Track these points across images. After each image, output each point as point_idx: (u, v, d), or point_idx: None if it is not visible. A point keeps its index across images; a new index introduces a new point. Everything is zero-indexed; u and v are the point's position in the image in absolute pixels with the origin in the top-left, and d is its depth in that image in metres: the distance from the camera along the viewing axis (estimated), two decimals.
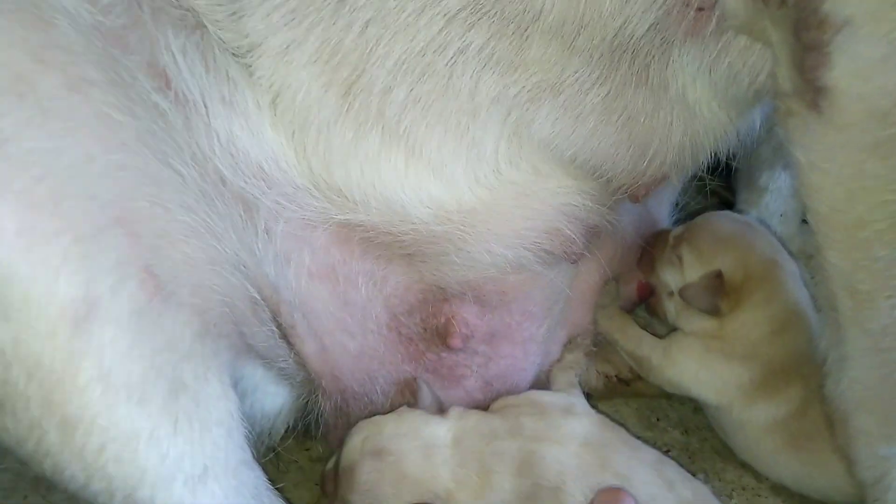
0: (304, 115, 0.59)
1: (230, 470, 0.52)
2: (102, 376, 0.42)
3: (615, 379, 0.83)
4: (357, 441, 0.64)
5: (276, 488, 0.62)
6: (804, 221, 0.96)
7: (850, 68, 0.48)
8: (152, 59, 0.50)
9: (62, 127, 0.41)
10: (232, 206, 0.55)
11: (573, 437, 0.62)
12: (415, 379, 0.71)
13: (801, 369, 0.69)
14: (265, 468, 0.63)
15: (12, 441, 0.43)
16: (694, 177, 0.89)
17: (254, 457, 0.58)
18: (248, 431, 0.58)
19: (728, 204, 0.96)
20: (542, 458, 0.60)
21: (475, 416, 0.66)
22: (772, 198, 0.92)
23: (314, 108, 0.58)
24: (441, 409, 0.68)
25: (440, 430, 0.64)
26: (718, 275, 0.70)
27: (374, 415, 0.68)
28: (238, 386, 0.61)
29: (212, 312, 0.52)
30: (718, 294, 0.70)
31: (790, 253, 0.76)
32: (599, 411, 0.72)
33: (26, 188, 0.39)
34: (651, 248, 0.78)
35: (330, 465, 0.66)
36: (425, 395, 0.69)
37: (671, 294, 0.76)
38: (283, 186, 0.61)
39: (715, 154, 0.67)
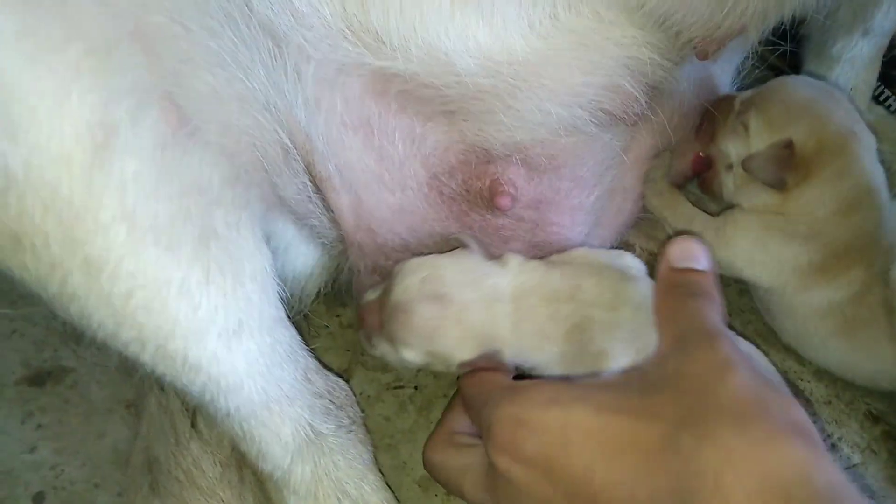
0: None
1: (265, 327, 0.50)
2: (127, 215, 0.38)
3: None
4: (414, 281, 0.59)
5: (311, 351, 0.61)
6: (875, 98, 0.88)
7: None
8: None
9: None
10: (259, 37, 0.49)
11: (627, 302, 0.57)
12: (457, 236, 0.66)
13: (866, 252, 0.65)
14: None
15: (35, 282, 0.40)
16: (761, 48, 0.81)
17: (288, 316, 0.55)
18: (281, 291, 0.55)
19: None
20: (593, 323, 0.57)
21: (536, 272, 0.60)
22: (844, 69, 0.84)
23: None
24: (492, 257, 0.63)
25: (501, 283, 0.59)
26: (789, 144, 0.64)
27: None
28: (269, 243, 0.57)
29: (241, 156, 0.47)
30: (787, 165, 0.64)
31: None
32: None
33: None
34: (714, 114, 0.71)
35: (372, 296, 0.62)
36: (475, 245, 0.63)
37: (730, 166, 0.70)
38: (313, 24, 0.54)
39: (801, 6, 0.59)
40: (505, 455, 0.45)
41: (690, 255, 0.54)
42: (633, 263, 0.62)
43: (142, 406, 0.66)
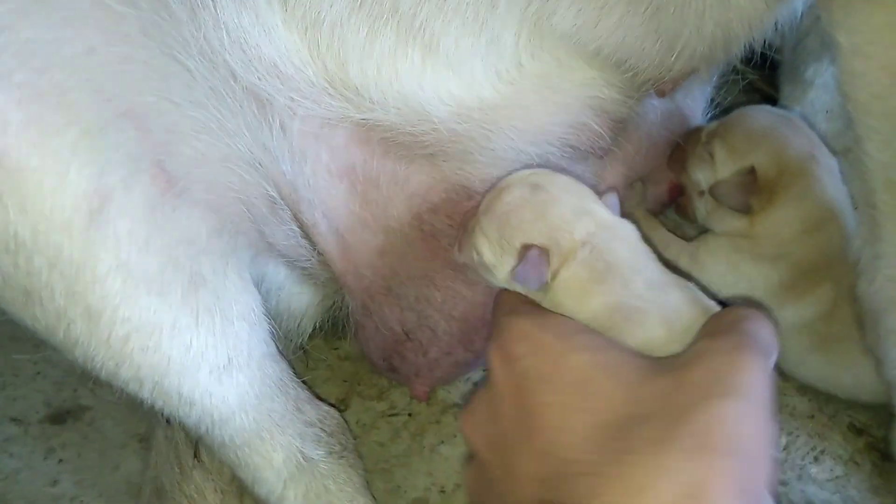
0: (316, 10, 0.56)
1: (254, 361, 0.54)
2: (121, 267, 0.43)
3: None
4: (525, 172, 0.60)
5: (304, 383, 0.65)
6: None
7: None
8: None
9: (61, 17, 0.40)
10: (244, 102, 0.54)
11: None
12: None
13: (833, 269, 0.67)
14: (294, 365, 0.65)
15: (44, 331, 0.45)
16: (734, 72, 0.85)
17: (279, 352, 0.59)
18: (274, 328, 0.59)
19: (771, 100, 0.91)
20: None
21: (638, 243, 0.56)
22: (818, 93, 0.86)
23: (326, 2, 0.56)
24: None
25: (600, 214, 0.57)
26: (751, 171, 0.68)
27: (404, 313, 0.69)
28: (262, 285, 0.62)
29: (227, 209, 0.52)
30: (750, 191, 0.67)
31: (831, 149, 0.72)
32: None
33: (28, 80, 0.38)
34: (683, 145, 0.75)
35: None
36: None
37: (702, 193, 0.74)
38: (297, 84, 0.59)
39: (754, 46, 0.63)
40: (499, 355, 0.47)
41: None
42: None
43: (152, 439, 0.70)
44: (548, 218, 0.55)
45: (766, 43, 0.65)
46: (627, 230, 0.57)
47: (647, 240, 0.75)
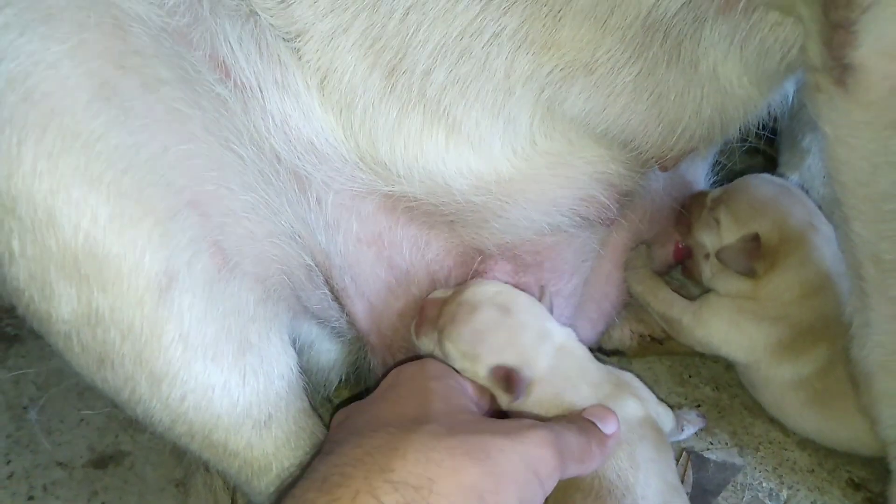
0: (350, 95, 0.63)
1: (291, 417, 0.59)
2: (182, 337, 0.49)
3: (648, 338, 0.86)
4: (490, 290, 0.69)
5: None
6: None
7: (876, 47, 0.49)
8: (213, 52, 0.55)
9: (141, 124, 0.46)
10: (286, 181, 0.61)
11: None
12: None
13: (829, 331, 0.71)
14: (322, 416, 0.70)
15: (111, 391, 0.51)
16: (739, 138, 0.90)
17: (312, 406, 0.64)
18: (306, 383, 0.65)
19: (772, 161, 0.96)
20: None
21: (581, 350, 0.69)
22: (815, 159, 0.92)
23: (360, 88, 0.62)
24: None
25: (556, 334, 0.68)
26: (755, 237, 0.72)
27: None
28: (296, 343, 0.67)
29: (271, 279, 0.58)
30: (755, 256, 0.72)
31: (828, 213, 0.77)
32: (633, 369, 0.77)
33: (114, 180, 0.45)
34: (688, 209, 0.80)
35: (439, 295, 0.71)
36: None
37: (707, 256, 0.78)
38: (332, 161, 0.65)
39: (747, 125, 0.69)
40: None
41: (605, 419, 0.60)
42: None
43: (189, 485, 0.75)
44: (517, 344, 0.66)
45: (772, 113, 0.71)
46: (571, 340, 0.69)
47: (652, 300, 0.81)
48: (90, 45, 0.44)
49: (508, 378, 0.64)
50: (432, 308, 0.70)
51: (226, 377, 0.53)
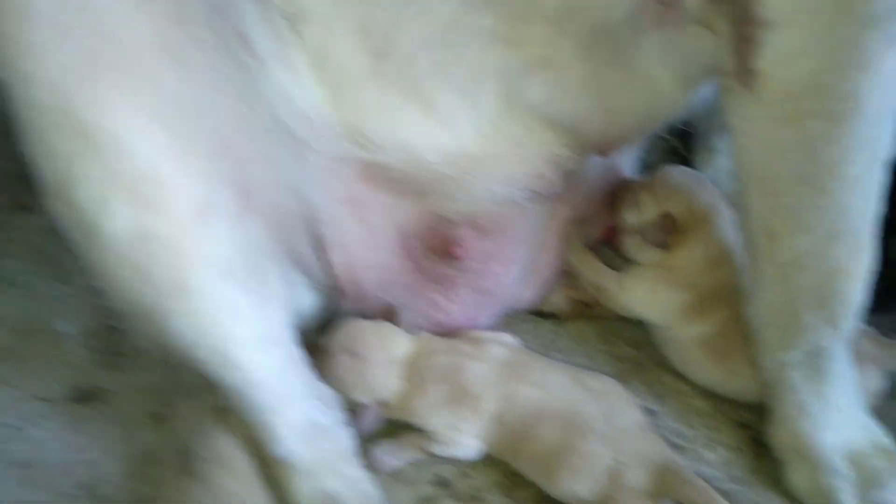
0: (341, 74, 0.72)
1: (284, 342, 0.69)
2: (214, 257, 0.57)
3: (580, 303, 0.99)
4: (340, 336, 0.82)
5: None
6: None
7: (773, 57, 0.60)
8: (238, 25, 0.63)
9: (191, 75, 0.54)
10: (289, 142, 0.70)
11: (495, 358, 0.81)
12: (394, 308, 0.87)
13: (729, 297, 0.85)
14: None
15: (145, 305, 0.58)
16: (658, 138, 1.05)
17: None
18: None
19: (686, 161, 1.11)
20: (466, 370, 0.79)
21: (430, 340, 0.84)
22: (723, 158, 1.06)
23: (350, 69, 0.71)
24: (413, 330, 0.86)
25: (402, 349, 0.82)
26: (668, 216, 0.86)
27: (390, 316, 0.85)
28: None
29: (276, 221, 0.67)
30: (668, 232, 0.86)
31: (733, 204, 0.92)
32: (565, 331, 0.93)
33: (172, 117, 0.53)
34: (617, 193, 0.94)
35: (317, 340, 0.83)
36: (404, 320, 0.86)
37: (631, 232, 0.92)
38: (322, 130, 0.74)
39: (672, 120, 0.83)
40: None
41: None
42: (508, 338, 0.87)
43: (168, 416, 0.82)
44: (369, 381, 0.80)
45: (685, 118, 0.85)
46: (424, 342, 0.83)
47: (585, 270, 0.94)
48: (155, 3, 0.52)
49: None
50: (315, 354, 0.81)
51: (245, 301, 0.61)
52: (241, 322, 0.62)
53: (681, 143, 1.11)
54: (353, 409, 0.81)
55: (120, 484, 0.80)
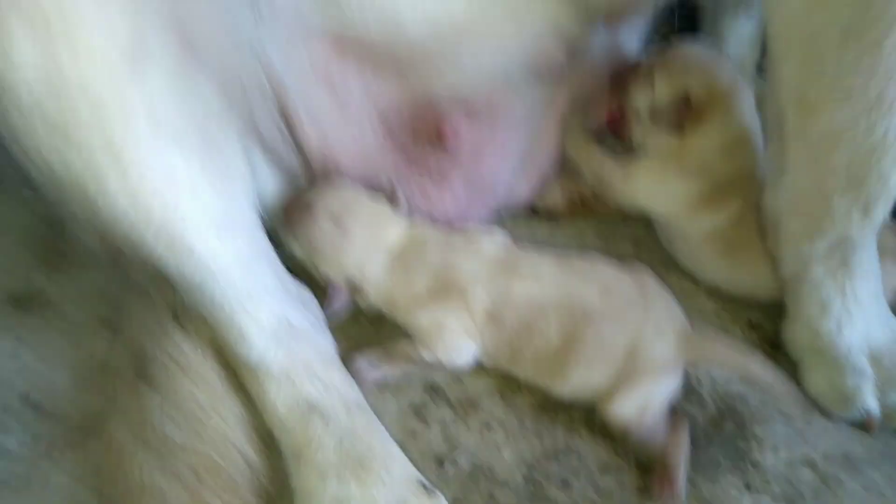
0: None
1: (247, 226, 0.59)
2: (151, 116, 0.46)
3: (578, 200, 0.91)
4: (333, 196, 0.72)
5: None
6: (759, 70, 1.03)
7: None
8: None
9: None
10: (247, 1, 0.58)
11: (486, 254, 0.72)
12: (395, 189, 0.76)
13: (744, 185, 0.78)
14: None
15: (73, 181, 0.47)
16: (661, 23, 0.95)
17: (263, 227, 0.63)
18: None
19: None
20: (455, 264, 0.71)
21: (423, 229, 0.74)
22: (732, 46, 0.98)
23: None
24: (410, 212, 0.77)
25: (393, 234, 0.72)
26: (686, 96, 0.77)
27: None
28: None
29: (231, 85, 0.56)
30: (684, 114, 0.77)
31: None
32: (562, 229, 0.85)
33: None
34: (625, 75, 0.84)
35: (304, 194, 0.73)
36: (399, 198, 0.76)
37: (639, 117, 0.83)
38: None
39: None
40: None
41: None
42: (499, 232, 0.77)
43: (118, 321, 0.72)
44: (346, 258, 0.71)
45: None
46: (418, 230, 0.74)
47: (585, 159, 0.85)
48: None
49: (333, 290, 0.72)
50: (294, 212, 0.72)
51: (188, 163, 0.51)
52: (190, 196, 0.52)
53: (683, 32, 1.02)
54: (321, 288, 0.72)
55: (67, 395, 0.70)
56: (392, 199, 0.76)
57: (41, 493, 0.65)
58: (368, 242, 0.71)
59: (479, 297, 0.70)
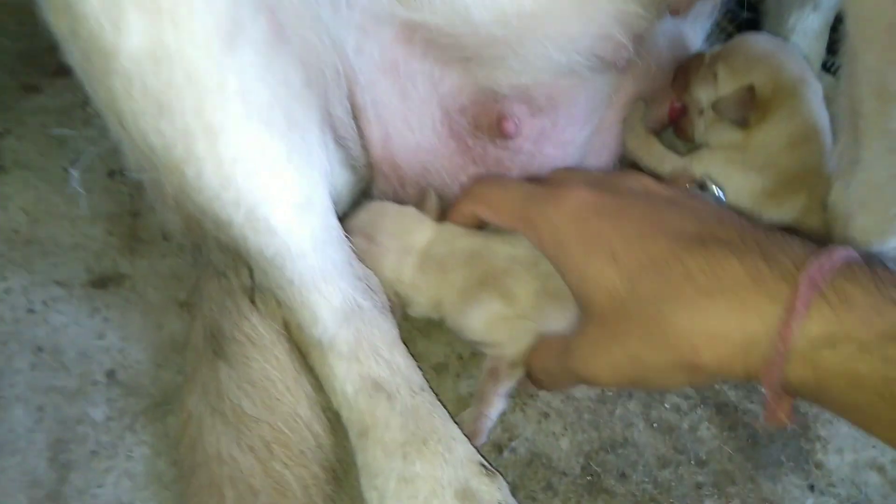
0: None
1: (324, 209, 0.61)
2: (244, 92, 0.49)
3: None
4: (361, 217, 0.74)
5: None
6: (825, 68, 1.01)
7: None
8: None
9: None
10: None
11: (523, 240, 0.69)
12: (428, 190, 0.77)
13: (810, 180, 0.77)
14: None
15: (162, 147, 0.50)
16: (726, 14, 0.94)
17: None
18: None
19: None
20: (492, 249, 0.70)
21: (452, 228, 0.73)
22: (798, 39, 0.96)
23: None
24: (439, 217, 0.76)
25: (420, 238, 0.73)
26: (750, 88, 0.76)
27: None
28: None
29: (312, 68, 0.58)
30: (749, 106, 0.76)
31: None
32: None
33: None
34: (687, 68, 0.84)
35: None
36: (431, 202, 0.76)
37: (702, 111, 0.83)
38: None
39: None
40: None
41: None
42: None
43: (195, 303, 0.76)
44: (383, 270, 0.72)
45: None
46: (444, 232, 0.73)
47: (645, 155, 0.85)
48: None
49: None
50: None
51: (276, 146, 0.53)
52: (277, 177, 0.54)
53: (747, 27, 1.01)
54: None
55: (145, 371, 0.74)
56: (422, 202, 0.77)
57: (126, 463, 0.69)
58: (399, 249, 0.72)
59: (523, 280, 0.69)
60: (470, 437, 0.67)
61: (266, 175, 0.53)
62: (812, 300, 0.47)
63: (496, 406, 0.69)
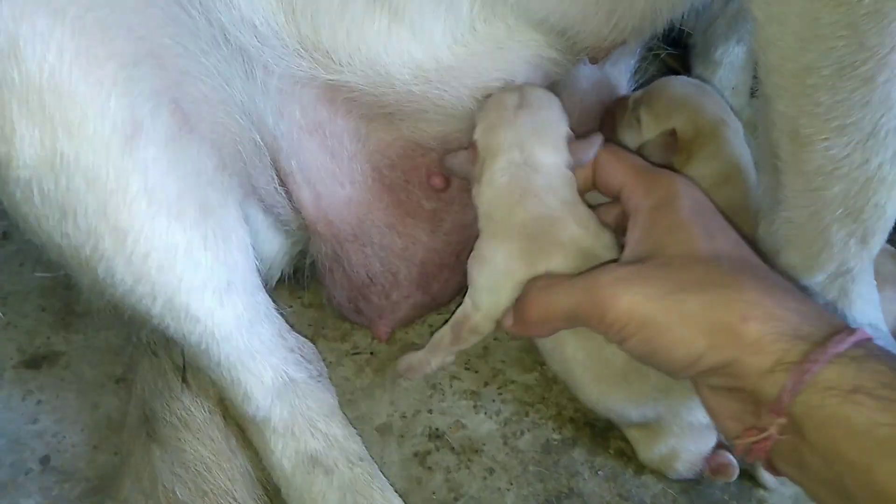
0: None
1: (248, 289, 0.60)
2: (148, 190, 0.49)
3: None
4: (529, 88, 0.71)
5: None
6: (753, 95, 1.04)
7: None
8: None
9: None
10: (236, 55, 0.60)
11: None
12: None
13: (737, 216, 0.78)
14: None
15: (70, 249, 0.49)
16: (652, 51, 0.96)
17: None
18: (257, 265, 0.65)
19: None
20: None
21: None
22: (725, 71, 0.98)
23: None
24: None
25: (537, 153, 0.68)
26: (672, 132, 0.78)
27: (368, 259, 0.77)
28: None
29: (226, 149, 0.58)
30: (672, 149, 0.77)
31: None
32: None
33: (79, 15, 0.43)
34: (612, 112, 0.85)
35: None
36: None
37: None
38: (274, 45, 0.65)
39: (671, 26, 0.73)
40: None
41: None
42: None
43: (131, 379, 0.74)
44: (497, 132, 0.68)
45: (682, 24, 0.76)
46: (551, 167, 0.69)
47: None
48: None
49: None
50: None
51: (189, 237, 0.53)
52: (193, 267, 0.54)
53: (675, 56, 1.02)
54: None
55: (81, 455, 0.73)
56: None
57: None
58: (514, 139, 0.67)
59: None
60: (405, 374, 0.70)
61: (181, 266, 0.53)
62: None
63: (444, 360, 0.70)
